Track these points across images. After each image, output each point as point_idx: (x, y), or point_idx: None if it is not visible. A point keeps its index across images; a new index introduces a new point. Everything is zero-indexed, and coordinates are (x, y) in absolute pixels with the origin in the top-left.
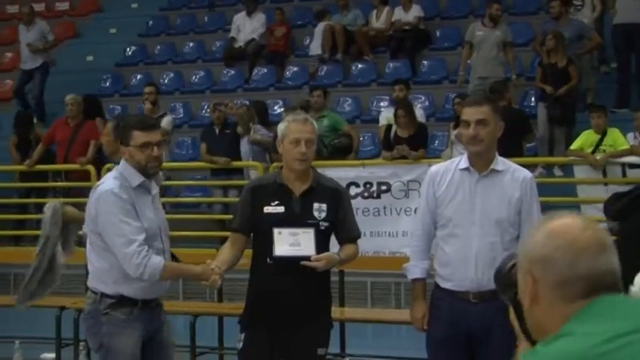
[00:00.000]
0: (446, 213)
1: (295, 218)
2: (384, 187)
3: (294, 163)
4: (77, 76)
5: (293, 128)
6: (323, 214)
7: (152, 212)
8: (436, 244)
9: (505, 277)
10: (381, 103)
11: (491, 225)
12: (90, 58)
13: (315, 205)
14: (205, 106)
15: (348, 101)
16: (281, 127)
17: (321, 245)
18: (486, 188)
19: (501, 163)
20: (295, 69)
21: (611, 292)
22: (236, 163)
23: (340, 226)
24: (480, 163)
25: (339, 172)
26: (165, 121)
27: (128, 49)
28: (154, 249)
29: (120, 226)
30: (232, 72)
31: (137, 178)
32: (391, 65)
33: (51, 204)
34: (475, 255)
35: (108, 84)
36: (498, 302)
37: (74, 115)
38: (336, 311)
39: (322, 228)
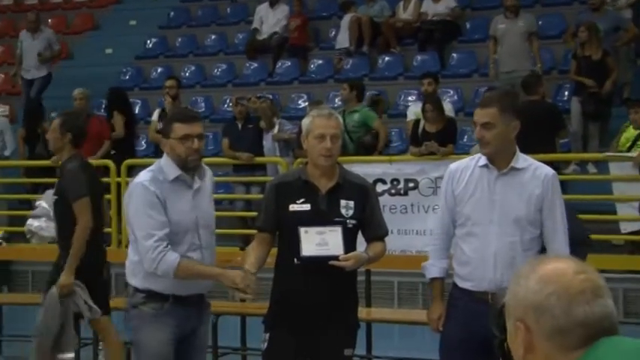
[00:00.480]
0: (464, 211)
1: (322, 216)
2: (411, 184)
3: (319, 159)
4: (95, 70)
5: (318, 123)
6: (350, 212)
7: (188, 206)
8: (455, 243)
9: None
10: (409, 98)
11: (509, 224)
12: (109, 50)
13: (342, 202)
14: (227, 100)
15: (375, 94)
16: (305, 123)
17: (349, 244)
18: (505, 186)
19: (522, 160)
20: (320, 62)
21: (608, 336)
22: (259, 159)
23: (367, 223)
24: (499, 161)
25: (365, 169)
26: None
27: (148, 42)
28: (186, 244)
29: (142, 219)
30: (255, 65)
31: (174, 172)
32: (419, 58)
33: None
34: (494, 254)
35: (127, 77)
36: None
37: (82, 110)
38: (362, 311)
39: (349, 226)
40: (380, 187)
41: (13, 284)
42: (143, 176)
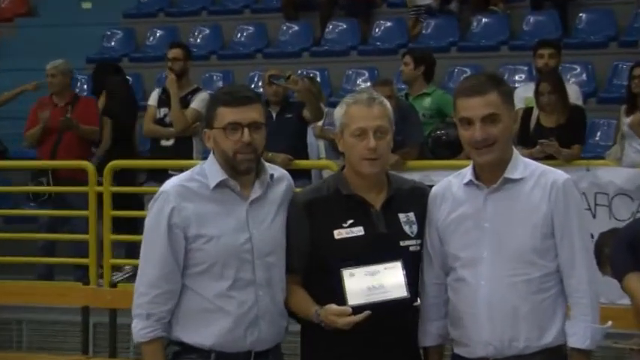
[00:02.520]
0: (450, 250)
1: (383, 243)
2: None
3: (361, 164)
4: (68, 32)
5: (354, 113)
6: (415, 228)
7: (237, 225)
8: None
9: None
10: (516, 76)
11: (506, 259)
12: (87, 5)
13: (402, 217)
14: (256, 78)
15: (466, 71)
16: (338, 114)
17: (413, 278)
18: (498, 207)
19: (521, 167)
20: (388, 24)
21: None
22: (301, 162)
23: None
24: (491, 172)
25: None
26: (198, 101)
27: None
28: (229, 280)
29: (149, 252)
30: (296, 28)
31: (217, 175)
32: (532, 20)
33: None
34: (487, 305)
35: (112, 43)
36: None
37: (60, 90)
38: None
39: (415, 249)
40: None
41: None
42: (170, 181)
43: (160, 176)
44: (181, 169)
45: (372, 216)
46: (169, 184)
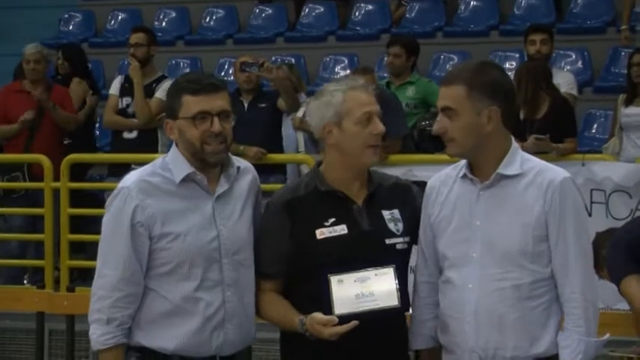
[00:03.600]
0: (439, 247)
1: (368, 241)
2: None
3: (366, 153)
4: (21, 15)
5: (357, 99)
6: (400, 226)
7: (204, 223)
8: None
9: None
10: (507, 64)
11: (496, 262)
12: None
13: (386, 214)
14: (226, 65)
15: (453, 58)
16: (332, 102)
17: (403, 279)
18: (490, 205)
19: (518, 163)
20: (369, 7)
21: None
22: (275, 156)
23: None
24: (480, 167)
25: (436, 173)
26: (164, 90)
27: None
28: (195, 280)
29: (105, 251)
30: (269, 11)
31: (183, 169)
32: (523, 3)
33: None
34: (473, 310)
35: (70, 27)
36: None
37: (38, 78)
38: None
39: (402, 247)
40: None
41: None
42: (131, 176)
43: (121, 171)
44: (145, 164)
45: (354, 213)
46: (130, 179)
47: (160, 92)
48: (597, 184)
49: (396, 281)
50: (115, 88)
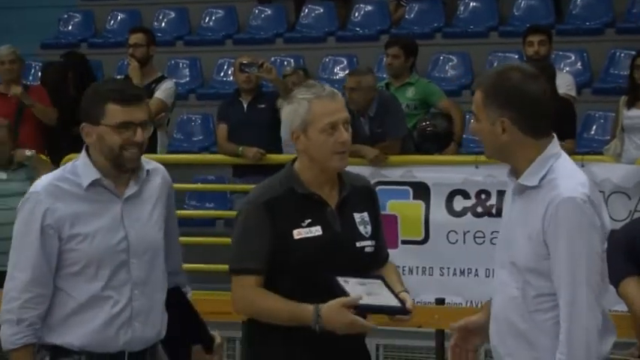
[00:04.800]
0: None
1: (341, 242)
2: None
3: (332, 159)
4: (19, 16)
5: (322, 108)
6: (369, 229)
7: (112, 224)
8: None
9: None
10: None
11: (511, 270)
12: None
13: (357, 217)
14: (226, 66)
15: (452, 59)
16: (298, 110)
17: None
18: (516, 212)
19: (543, 173)
20: (368, 8)
21: None
22: (274, 157)
23: (378, 239)
24: (515, 171)
25: (435, 174)
26: (163, 90)
27: None
28: (102, 280)
29: (16, 253)
30: (269, 12)
31: (90, 175)
32: (523, 4)
33: None
34: (495, 316)
35: (70, 27)
36: None
37: (13, 78)
38: None
39: (370, 250)
40: (460, 203)
41: None
42: (45, 179)
43: None
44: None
45: (327, 215)
46: (40, 184)
47: (160, 92)
48: (597, 186)
49: (387, 288)
50: None
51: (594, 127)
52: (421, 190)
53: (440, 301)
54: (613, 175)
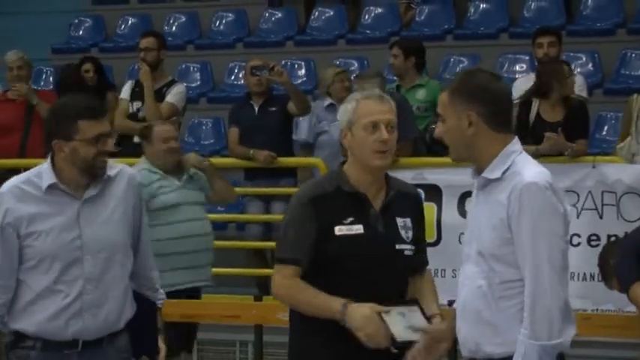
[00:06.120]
0: None
1: (381, 242)
2: None
3: (372, 157)
4: (29, 21)
5: (366, 108)
6: (410, 234)
7: (67, 224)
8: None
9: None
10: (517, 66)
11: (476, 261)
12: None
13: (400, 222)
14: (236, 69)
15: (463, 61)
16: (347, 109)
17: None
18: (479, 207)
19: (506, 166)
20: (378, 10)
21: None
22: (285, 160)
23: (419, 247)
24: (478, 170)
25: (447, 176)
26: (174, 94)
27: None
28: (52, 274)
29: None
30: (279, 15)
31: (48, 179)
32: (533, 5)
33: None
34: (462, 309)
35: (81, 32)
36: None
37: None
38: None
39: (409, 253)
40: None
41: None
42: (12, 181)
43: None
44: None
45: (371, 216)
46: (6, 185)
47: (171, 96)
48: (608, 187)
49: (423, 316)
50: (125, 92)
51: (606, 127)
52: (433, 192)
53: (452, 303)
54: (625, 176)
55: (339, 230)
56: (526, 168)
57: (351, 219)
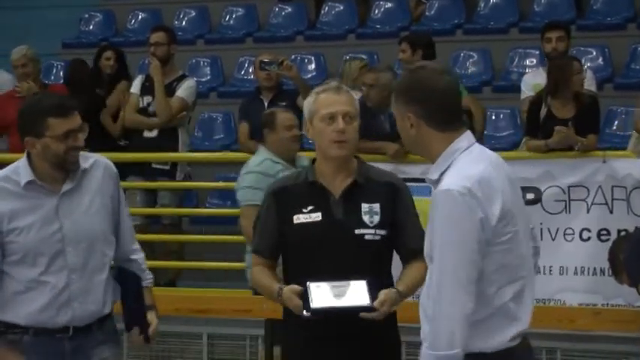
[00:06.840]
0: None
1: (338, 228)
2: (530, 196)
3: (330, 147)
4: (40, 16)
5: (323, 100)
6: (376, 218)
7: (47, 217)
8: None
9: None
10: (527, 61)
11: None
12: None
13: (365, 207)
14: (246, 64)
15: (473, 56)
16: (308, 103)
17: (370, 268)
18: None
19: (444, 167)
20: (388, 5)
21: None
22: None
23: (400, 234)
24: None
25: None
26: (185, 88)
27: None
28: (39, 267)
29: None
30: (289, 10)
31: (27, 176)
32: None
33: None
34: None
35: (91, 27)
36: None
37: (32, 80)
38: None
39: (377, 238)
40: None
41: None
42: None
43: (142, 170)
44: (165, 163)
45: (330, 203)
46: None
47: (181, 91)
48: (618, 181)
49: (368, 291)
50: (135, 87)
51: (616, 122)
52: None
53: None
54: (635, 171)
55: (297, 219)
56: (452, 173)
57: (310, 207)
